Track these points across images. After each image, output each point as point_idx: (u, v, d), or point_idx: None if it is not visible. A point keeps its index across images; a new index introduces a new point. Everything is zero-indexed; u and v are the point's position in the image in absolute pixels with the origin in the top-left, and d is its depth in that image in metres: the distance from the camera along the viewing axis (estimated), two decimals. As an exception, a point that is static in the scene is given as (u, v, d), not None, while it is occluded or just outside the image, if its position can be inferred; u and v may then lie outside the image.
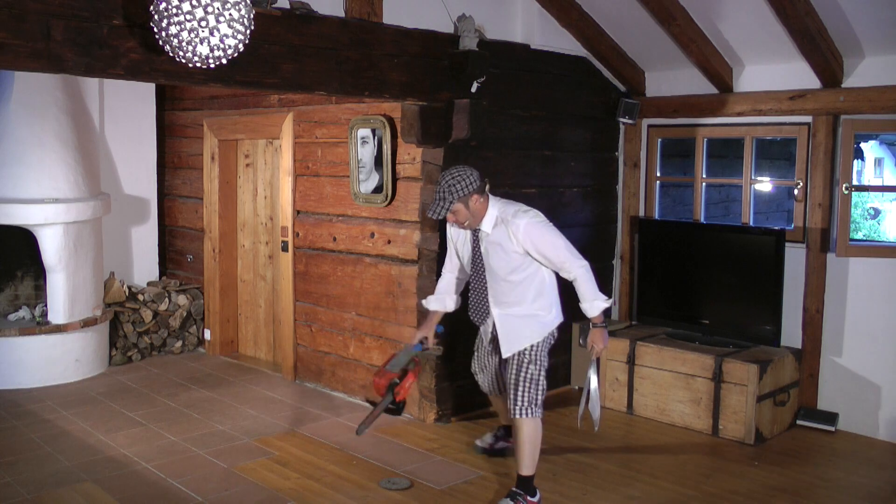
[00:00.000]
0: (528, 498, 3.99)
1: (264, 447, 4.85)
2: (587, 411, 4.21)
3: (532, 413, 3.96)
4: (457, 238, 4.24)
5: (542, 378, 4.01)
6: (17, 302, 6.48)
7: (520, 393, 3.96)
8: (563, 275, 3.99)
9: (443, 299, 4.33)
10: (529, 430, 3.97)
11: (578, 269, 3.91)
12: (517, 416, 3.97)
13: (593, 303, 3.95)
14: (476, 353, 4.49)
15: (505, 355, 4.07)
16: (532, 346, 4.00)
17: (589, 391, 4.19)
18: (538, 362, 4.00)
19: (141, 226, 7.29)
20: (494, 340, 4.21)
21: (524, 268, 3.97)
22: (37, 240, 6.04)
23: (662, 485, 4.37)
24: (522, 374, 3.97)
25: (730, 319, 5.45)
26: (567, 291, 4.28)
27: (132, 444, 4.88)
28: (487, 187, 3.99)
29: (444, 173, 3.94)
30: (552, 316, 4.08)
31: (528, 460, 3.99)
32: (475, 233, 4.05)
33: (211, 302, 7.00)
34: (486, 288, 4.09)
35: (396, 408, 4.07)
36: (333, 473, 4.47)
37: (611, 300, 4.26)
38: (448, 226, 4.21)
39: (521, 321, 4.02)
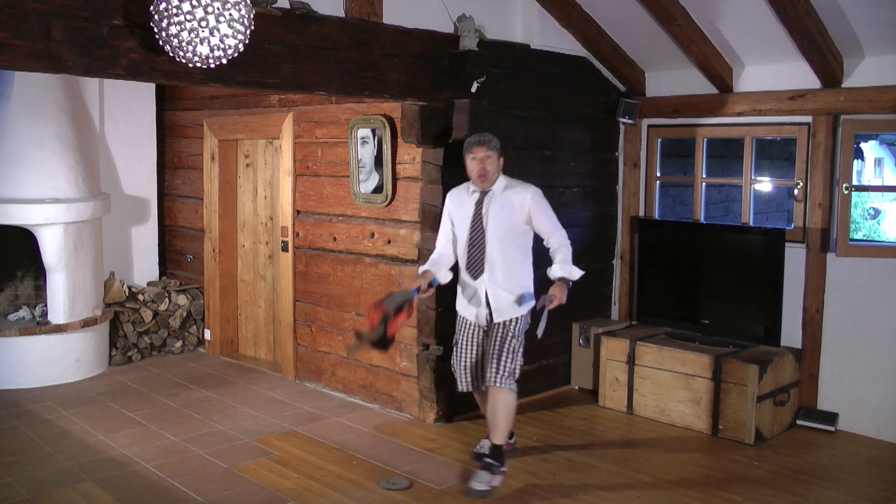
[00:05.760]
0: (501, 468, 4.19)
1: (264, 447, 4.85)
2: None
3: (511, 384, 4.23)
4: (457, 208, 4.43)
5: (520, 353, 4.31)
6: (17, 302, 6.48)
7: (502, 362, 4.21)
8: (550, 241, 4.31)
9: (438, 268, 4.42)
10: (508, 401, 4.23)
11: (565, 238, 4.32)
12: (498, 385, 4.20)
13: (572, 268, 4.24)
14: (455, 347, 4.47)
15: (497, 319, 4.29)
16: (516, 319, 4.28)
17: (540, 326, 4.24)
18: (519, 337, 4.31)
19: (141, 226, 7.29)
20: (478, 321, 4.37)
21: (521, 233, 4.32)
22: (37, 240, 6.04)
23: (662, 485, 4.36)
24: (506, 346, 4.24)
25: (730, 319, 5.45)
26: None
27: (132, 444, 4.88)
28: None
29: (475, 134, 4.37)
30: (531, 287, 4.37)
31: (503, 430, 4.24)
32: (481, 196, 4.31)
33: (211, 302, 7.00)
34: (484, 248, 4.30)
35: (385, 343, 4.05)
36: (333, 473, 4.47)
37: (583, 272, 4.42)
38: (449, 199, 4.49)
39: (509, 293, 4.28)
